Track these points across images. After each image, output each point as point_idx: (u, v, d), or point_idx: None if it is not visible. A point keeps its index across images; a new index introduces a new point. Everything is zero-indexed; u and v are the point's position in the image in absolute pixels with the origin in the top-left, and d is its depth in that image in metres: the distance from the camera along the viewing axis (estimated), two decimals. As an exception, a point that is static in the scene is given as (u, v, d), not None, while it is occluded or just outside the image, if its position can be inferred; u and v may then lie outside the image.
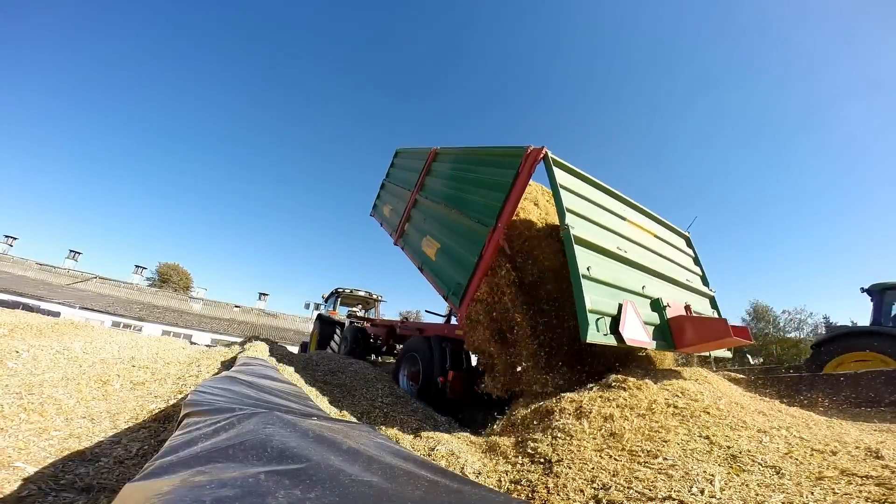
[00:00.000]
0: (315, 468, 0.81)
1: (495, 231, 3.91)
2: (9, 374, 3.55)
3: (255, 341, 7.36)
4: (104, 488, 1.98)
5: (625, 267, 3.89)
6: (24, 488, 1.87)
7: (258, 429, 1.02)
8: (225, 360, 5.21)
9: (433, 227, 5.50)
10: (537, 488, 2.05)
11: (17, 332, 5.24)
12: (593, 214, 3.95)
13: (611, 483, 1.89)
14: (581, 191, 4.01)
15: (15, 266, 32.40)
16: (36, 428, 2.57)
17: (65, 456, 2.26)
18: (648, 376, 3.19)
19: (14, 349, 4.23)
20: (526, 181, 3.86)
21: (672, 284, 4.52)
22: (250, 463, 0.82)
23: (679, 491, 1.72)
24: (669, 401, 2.72)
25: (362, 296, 12.47)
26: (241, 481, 0.68)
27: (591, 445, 2.33)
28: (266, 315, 39.95)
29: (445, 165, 5.82)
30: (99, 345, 5.33)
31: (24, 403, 2.88)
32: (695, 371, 3.65)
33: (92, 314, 26.10)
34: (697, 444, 2.16)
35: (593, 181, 4.32)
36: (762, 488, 1.73)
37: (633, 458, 2.11)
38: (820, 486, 1.72)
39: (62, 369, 3.94)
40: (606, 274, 3.50)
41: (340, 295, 12.09)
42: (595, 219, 3.93)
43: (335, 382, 4.83)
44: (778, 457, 2.01)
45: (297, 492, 0.68)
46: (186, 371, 4.50)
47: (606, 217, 4.15)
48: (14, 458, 2.14)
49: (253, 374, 2.47)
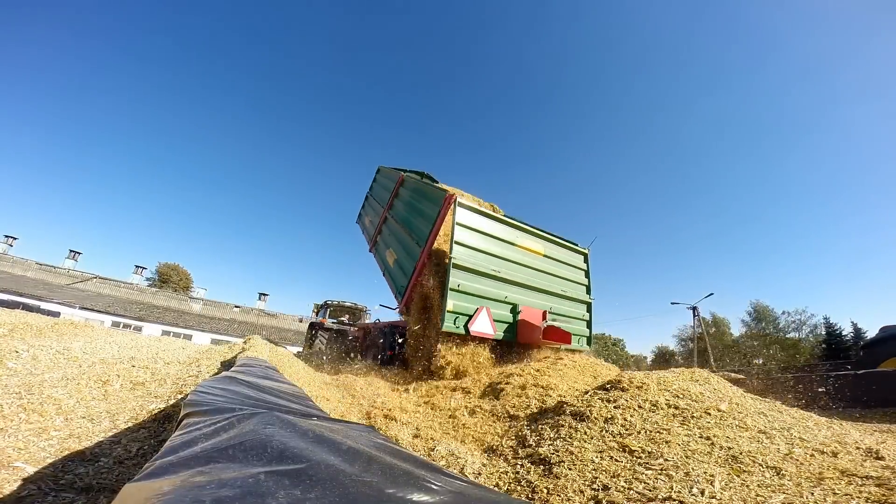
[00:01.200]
0: (315, 468, 0.81)
1: (424, 250, 5.44)
2: (8, 374, 3.55)
3: (255, 341, 7.35)
4: (104, 488, 1.98)
5: (493, 282, 5.33)
6: (24, 488, 1.87)
7: (258, 429, 1.02)
8: (225, 360, 5.20)
9: (394, 242, 7.01)
10: (537, 489, 2.05)
11: (17, 331, 5.24)
12: (481, 243, 5.39)
13: (611, 484, 1.89)
14: (478, 225, 5.43)
15: (15, 266, 32.39)
16: (35, 428, 2.56)
17: (64, 456, 2.26)
18: (649, 378, 3.19)
19: (14, 349, 4.22)
20: (444, 216, 5.26)
21: (541, 293, 5.89)
22: (250, 463, 0.81)
23: (679, 491, 1.72)
24: (670, 402, 2.71)
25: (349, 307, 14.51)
26: (241, 481, 0.68)
27: (591, 447, 2.32)
28: (266, 315, 39.94)
29: (406, 192, 7.10)
30: (99, 345, 5.33)
31: (23, 403, 2.88)
32: (696, 372, 3.66)
33: (92, 314, 26.09)
34: (698, 445, 2.16)
35: (494, 216, 5.70)
36: (762, 489, 1.72)
37: (633, 459, 2.11)
38: (820, 486, 1.72)
39: (62, 369, 3.93)
40: (473, 287, 5.06)
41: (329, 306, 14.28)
42: (481, 247, 5.36)
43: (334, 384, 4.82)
44: (778, 458, 2.01)
45: (297, 492, 0.68)
46: (186, 371, 4.50)
47: (493, 244, 5.55)
48: (14, 458, 2.13)
49: (253, 374, 2.47)
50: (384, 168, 9.07)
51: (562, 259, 6.47)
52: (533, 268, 5.92)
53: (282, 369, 3.97)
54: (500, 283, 5.40)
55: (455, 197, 5.21)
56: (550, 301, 6.02)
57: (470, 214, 5.39)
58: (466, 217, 5.33)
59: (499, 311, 5.27)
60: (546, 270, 6.11)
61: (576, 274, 6.66)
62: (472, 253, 5.23)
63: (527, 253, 5.90)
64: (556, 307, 6.02)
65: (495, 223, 5.67)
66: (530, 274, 5.85)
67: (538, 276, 5.96)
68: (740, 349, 36.70)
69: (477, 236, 5.36)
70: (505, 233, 5.75)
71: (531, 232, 6.13)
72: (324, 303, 14.32)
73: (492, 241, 5.53)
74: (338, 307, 14.29)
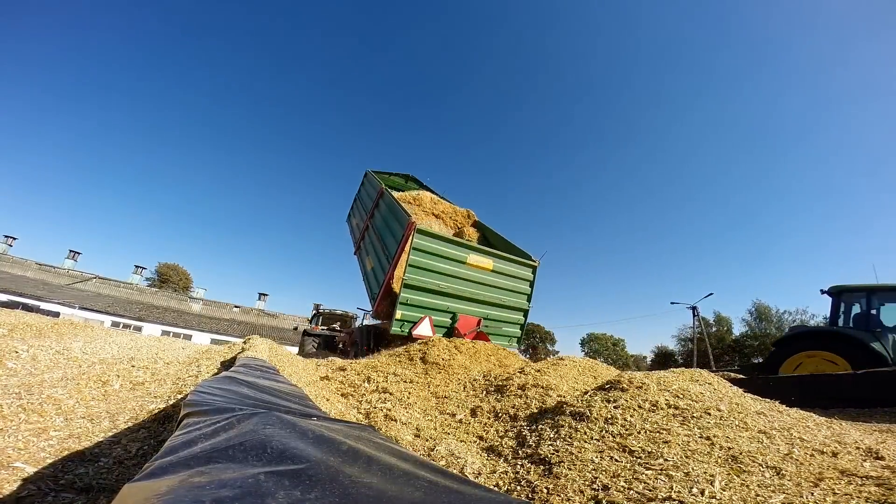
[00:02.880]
0: (315, 468, 0.80)
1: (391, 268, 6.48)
2: (8, 374, 3.55)
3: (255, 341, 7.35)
4: (104, 488, 1.97)
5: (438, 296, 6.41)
6: (24, 488, 1.87)
7: (258, 429, 1.02)
8: (224, 360, 5.20)
9: (372, 251, 7.85)
10: (537, 489, 2.05)
11: (17, 332, 5.24)
12: (432, 263, 6.29)
13: (611, 484, 1.89)
14: (431, 248, 6.29)
15: (14, 266, 32.36)
16: (35, 428, 2.56)
17: (64, 456, 2.26)
18: (649, 378, 3.19)
19: (13, 349, 4.22)
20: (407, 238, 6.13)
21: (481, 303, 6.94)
22: (250, 463, 0.81)
23: (679, 492, 1.72)
24: (670, 402, 2.71)
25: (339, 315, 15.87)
26: (240, 482, 0.68)
27: (591, 447, 2.32)
28: (266, 315, 39.92)
29: (383, 206, 7.75)
30: (98, 345, 5.33)
31: (23, 403, 2.87)
32: (696, 372, 3.67)
33: (91, 314, 26.08)
34: (698, 445, 2.16)
35: (448, 239, 6.69)
36: (762, 489, 1.72)
37: (633, 459, 2.11)
38: (820, 486, 1.72)
39: (62, 369, 3.93)
40: (420, 300, 6.18)
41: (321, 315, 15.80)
42: (431, 267, 6.27)
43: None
44: (778, 458, 2.01)
45: (296, 492, 0.68)
46: (186, 371, 4.50)
47: (444, 263, 6.45)
48: (13, 459, 2.13)
49: (252, 374, 2.47)
50: (370, 174, 9.39)
51: (509, 272, 7.40)
52: (478, 282, 6.99)
53: (281, 369, 3.97)
54: (444, 296, 6.56)
55: (415, 224, 6.09)
56: (488, 310, 7.09)
57: (426, 239, 6.36)
58: (422, 242, 6.26)
59: (440, 319, 6.50)
60: (491, 283, 7.15)
61: (520, 285, 7.57)
62: (423, 272, 6.27)
63: (475, 269, 6.95)
64: (492, 314, 7.13)
65: (448, 245, 6.68)
66: (475, 287, 6.95)
67: (481, 289, 7.04)
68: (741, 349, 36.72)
69: (430, 257, 6.34)
70: (457, 252, 6.73)
71: (481, 250, 7.15)
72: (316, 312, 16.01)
73: (443, 261, 6.52)
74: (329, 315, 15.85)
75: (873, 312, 7.04)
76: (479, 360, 5.54)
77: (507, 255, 7.36)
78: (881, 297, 7.02)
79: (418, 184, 10.27)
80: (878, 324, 6.93)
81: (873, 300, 7.04)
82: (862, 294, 7.22)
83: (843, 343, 6.73)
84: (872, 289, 7.09)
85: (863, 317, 7.10)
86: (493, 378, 4.50)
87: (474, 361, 5.41)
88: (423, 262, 6.26)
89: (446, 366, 5.04)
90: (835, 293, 7.54)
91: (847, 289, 7.42)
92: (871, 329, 6.82)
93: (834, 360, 6.65)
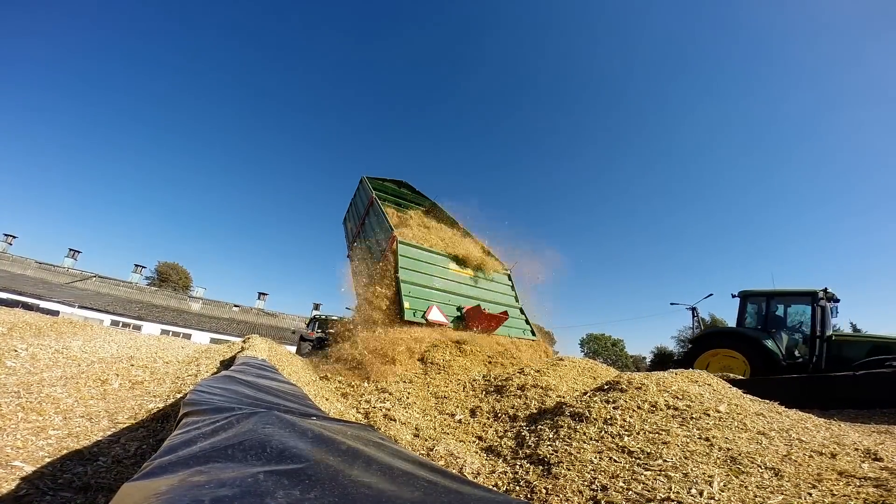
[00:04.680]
0: (314, 468, 0.80)
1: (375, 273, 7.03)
2: (7, 373, 3.55)
3: (254, 341, 7.35)
4: (102, 488, 1.97)
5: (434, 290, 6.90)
6: (22, 487, 1.87)
7: (257, 428, 1.02)
8: (224, 359, 5.20)
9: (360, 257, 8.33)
10: (536, 489, 2.05)
11: (16, 330, 5.23)
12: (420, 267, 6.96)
13: (610, 484, 1.89)
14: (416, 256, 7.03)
15: (14, 265, 32.34)
16: (34, 427, 2.56)
17: (63, 455, 2.26)
18: (649, 379, 3.20)
19: (13, 348, 4.22)
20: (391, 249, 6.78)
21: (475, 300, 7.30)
22: (249, 463, 0.81)
23: (678, 492, 1.72)
24: (669, 403, 2.72)
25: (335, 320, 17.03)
26: (239, 481, 0.68)
27: (590, 447, 2.33)
28: (265, 315, 39.91)
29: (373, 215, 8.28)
30: (98, 344, 5.33)
31: (22, 402, 2.87)
32: (695, 373, 3.67)
33: (91, 313, 26.06)
34: (697, 446, 2.16)
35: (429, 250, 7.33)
36: (761, 490, 1.73)
37: (632, 459, 2.11)
38: (819, 487, 1.72)
39: (61, 368, 3.93)
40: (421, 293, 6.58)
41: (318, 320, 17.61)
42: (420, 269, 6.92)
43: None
44: (777, 459, 2.01)
45: (296, 492, 0.68)
46: (185, 370, 4.50)
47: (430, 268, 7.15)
48: (12, 457, 2.13)
49: (252, 373, 2.47)
50: (365, 180, 9.72)
51: (488, 279, 8.04)
52: (466, 283, 7.56)
53: (281, 369, 3.97)
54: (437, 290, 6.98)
55: (396, 238, 6.85)
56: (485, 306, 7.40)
57: (411, 248, 7.06)
58: (408, 251, 6.97)
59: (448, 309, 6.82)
60: (477, 286, 7.75)
61: (502, 288, 8.21)
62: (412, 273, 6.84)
63: (457, 274, 7.61)
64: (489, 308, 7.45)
65: (431, 254, 7.34)
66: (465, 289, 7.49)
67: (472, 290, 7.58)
68: None
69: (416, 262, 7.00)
70: (439, 260, 7.38)
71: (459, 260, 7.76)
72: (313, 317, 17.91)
73: (428, 266, 7.16)
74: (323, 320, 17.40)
75: (774, 314, 7.90)
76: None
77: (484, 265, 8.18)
78: (777, 300, 7.94)
79: (411, 190, 10.68)
80: (775, 324, 7.80)
81: (772, 303, 7.92)
82: (763, 298, 8.06)
83: (742, 342, 7.59)
84: (771, 293, 7.97)
85: (762, 318, 7.92)
86: (492, 378, 4.50)
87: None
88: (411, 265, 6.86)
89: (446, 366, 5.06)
90: (741, 297, 8.38)
91: (751, 293, 8.28)
92: (768, 329, 7.67)
93: (735, 357, 7.51)
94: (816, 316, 7.25)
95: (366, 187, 9.32)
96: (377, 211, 8.13)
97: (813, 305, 7.32)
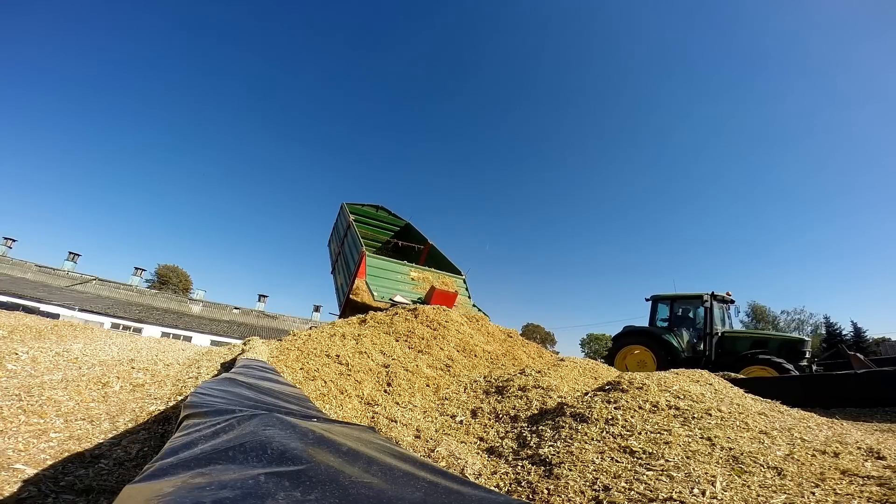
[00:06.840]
0: (315, 470, 0.80)
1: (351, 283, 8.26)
2: (8, 376, 3.55)
3: (255, 343, 7.35)
4: (104, 490, 1.97)
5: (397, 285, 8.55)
6: (24, 490, 1.87)
7: (258, 430, 1.02)
8: (224, 361, 5.20)
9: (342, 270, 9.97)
10: (538, 490, 2.05)
11: (17, 333, 5.23)
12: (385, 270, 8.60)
13: (612, 485, 1.89)
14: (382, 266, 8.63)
15: (14, 268, 32.36)
16: (35, 430, 2.56)
17: (64, 458, 2.26)
18: (650, 379, 3.19)
19: (14, 351, 4.22)
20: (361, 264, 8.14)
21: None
22: (250, 465, 0.81)
23: (681, 492, 1.72)
24: (671, 402, 2.71)
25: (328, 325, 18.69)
26: (241, 483, 0.68)
27: (592, 448, 2.32)
28: (266, 317, 39.91)
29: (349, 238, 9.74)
30: (98, 347, 5.33)
31: (23, 405, 2.87)
32: (696, 373, 3.67)
33: (91, 316, 26.06)
34: (699, 446, 2.16)
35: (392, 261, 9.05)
36: (764, 489, 1.72)
37: (634, 459, 2.11)
38: (822, 487, 1.72)
39: (61, 371, 3.93)
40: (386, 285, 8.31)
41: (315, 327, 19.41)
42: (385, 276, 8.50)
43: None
44: (779, 458, 2.01)
45: (297, 493, 0.68)
46: (186, 373, 4.49)
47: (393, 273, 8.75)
48: (14, 460, 2.13)
49: (252, 375, 2.47)
50: (344, 206, 11.27)
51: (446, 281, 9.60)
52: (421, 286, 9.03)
53: (281, 370, 3.97)
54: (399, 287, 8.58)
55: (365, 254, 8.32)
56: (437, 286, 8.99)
57: (377, 258, 8.75)
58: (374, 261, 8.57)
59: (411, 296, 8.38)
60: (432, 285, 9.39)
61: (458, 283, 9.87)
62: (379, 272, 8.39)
63: (419, 276, 9.14)
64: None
65: (394, 262, 9.01)
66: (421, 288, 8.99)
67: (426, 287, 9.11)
68: None
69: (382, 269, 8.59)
70: (401, 268, 8.97)
71: (419, 268, 9.39)
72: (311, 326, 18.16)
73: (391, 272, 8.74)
74: None
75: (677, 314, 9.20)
76: None
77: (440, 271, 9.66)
78: (679, 303, 9.29)
79: (387, 212, 12.27)
80: (678, 323, 9.06)
81: (675, 305, 9.29)
82: (667, 301, 9.43)
83: (649, 339, 8.85)
84: (674, 297, 9.37)
85: (668, 318, 9.28)
86: (493, 379, 4.49)
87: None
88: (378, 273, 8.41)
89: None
90: (652, 300, 9.73)
91: (659, 297, 9.65)
92: (672, 328, 8.99)
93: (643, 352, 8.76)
94: (707, 316, 8.51)
95: (345, 213, 10.92)
96: (352, 235, 9.75)
97: (704, 307, 8.56)
